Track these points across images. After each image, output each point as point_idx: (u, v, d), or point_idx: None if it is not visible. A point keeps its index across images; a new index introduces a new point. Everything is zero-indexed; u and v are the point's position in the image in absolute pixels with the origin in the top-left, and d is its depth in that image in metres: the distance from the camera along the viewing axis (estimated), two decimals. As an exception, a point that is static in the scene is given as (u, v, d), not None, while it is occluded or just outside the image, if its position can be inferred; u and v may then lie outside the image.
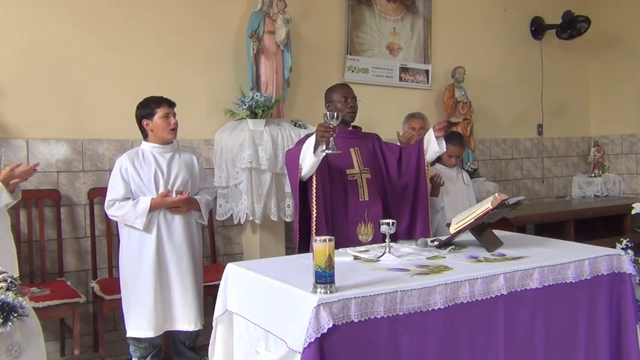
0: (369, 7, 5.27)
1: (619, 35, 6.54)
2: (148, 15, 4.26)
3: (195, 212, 3.38)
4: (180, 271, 3.28)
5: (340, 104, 3.25)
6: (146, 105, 3.32)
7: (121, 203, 3.21)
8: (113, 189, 3.25)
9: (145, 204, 3.18)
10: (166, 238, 3.27)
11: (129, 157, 3.28)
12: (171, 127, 3.32)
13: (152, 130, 3.31)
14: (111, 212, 3.25)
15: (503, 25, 6.17)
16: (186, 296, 3.29)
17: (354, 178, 3.22)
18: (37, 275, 3.84)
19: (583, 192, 6.67)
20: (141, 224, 3.18)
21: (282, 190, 4.30)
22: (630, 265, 2.64)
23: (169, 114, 3.32)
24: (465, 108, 5.53)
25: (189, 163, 3.44)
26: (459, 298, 2.18)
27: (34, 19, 3.88)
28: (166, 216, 3.27)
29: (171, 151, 3.38)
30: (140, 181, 3.25)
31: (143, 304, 3.22)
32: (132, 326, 3.27)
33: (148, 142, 3.36)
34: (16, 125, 3.86)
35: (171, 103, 3.35)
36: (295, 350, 1.93)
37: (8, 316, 1.99)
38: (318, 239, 1.98)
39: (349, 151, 3.24)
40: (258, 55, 4.37)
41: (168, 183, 3.28)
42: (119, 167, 3.26)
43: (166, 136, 3.33)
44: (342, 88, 3.34)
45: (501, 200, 2.72)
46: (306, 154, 2.95)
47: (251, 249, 4.49)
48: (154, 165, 3.28)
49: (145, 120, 3.31)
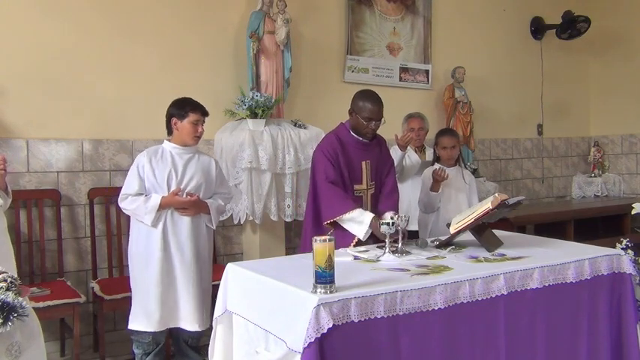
0: (369, 7, 5.27)
1: (619, 35, 6.54)
2: (148, 15, 4.26)
3: (205, 215, 3.39)
4: (183, 270, 3.29)
5: (364, 124, 3.14)
6: (181, 105, 3.35)
7: (133, 197, 3.25)
8: (128, 183, 3.30)
9: (155, 201, 3.22)
10: (172, 236, 3.29)
11: (148, 155, 3.32)
12: (197, 134, 3.36)
13: (178, 130, 3.35)
14: (123, 205, 3.30)
15: (503, 25, 6.17)
16: (188, 296, 3.29)
17: (360, 194, 3.21)
18: (37, 275, 3.83)
19: (583, 192, 6.67)
20: (149, 220, 3.22)
21: (282, 190, 4.30)
22: (630, 265, 2.64)
23: (199, 122, 3.35)
24: (465, 108, 5.53)
25: (207, 166, 3.45)
26: (459, 298, 2.18)
27: (34, 19, 3.88)
28: (174, 215, 3.29)
29: (190, 152, 3.40)
30: (154, 179, 3.28)
31: (149, 298, 3.25)
32: (135, 319, 3.29)
33: (170, 141, 3.39)
34: (16, 125, 3.86)
35: (204, 112, 3.39)
36: (295, 350, 1.93)
37: (8, 316, 1.99)
38: (318, 239, 1.99)
39: (361, 164, 3.22)
40: (258, 55, 4.37)
41: (181, 184, 3.30)
42: (137, 163, 3.31)
43: (189, 141, 3.37)
44: (372, 109, 3.13)
45: (501, 200, 2.72)
46: (355, 230, 3.05)
47: (251, 249, 4.49)
48: (169, 165, 3.31)
49: (174, 118, 3.34)
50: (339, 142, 3.18)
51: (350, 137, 3.22)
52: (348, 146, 3.19)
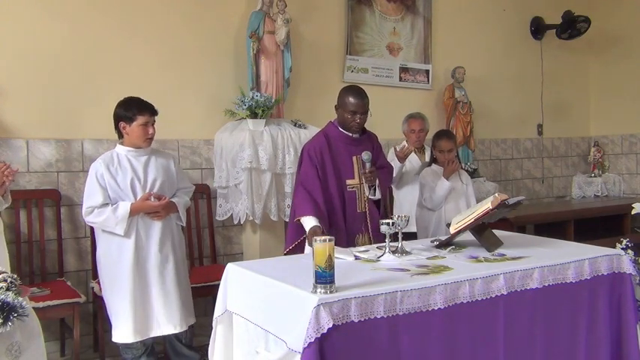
0: (369, 7, 5.27)
1: (619, 35, 6.54)
2: (148, 15, 4.26)
3: (174, 214, 3.34)
4: (161, 274, 3.22)
5: (349, 118, 3.16)
6: (127, 107, 3.22)
7: (100, 209, 3.12)
8: (90, 195, 3.15)
9: (124, 209, 3.11)
10: (145, 242, 3.21)
11: (104, 163, 3.19)
12: (148, 136, 3.23)
13: (128, 134, 3.23)
14: (89, 219, 3.17)
15: (503, 25, 6.17)
16: (167, 299, 3.22)
17: (353, 189, 3.23)
18: (37, 275, 3.83)
19: (583, 192, 6.67)
20: (121, 230, 3.12)
21: (282, 190, 4.30)
22: (630, 265, 2.64)
23: (149, 123, 3.22)
24: (465, 108, 5.53)
25: (165, 165, 3.36)
26: (459, 298, 2.18)
27: (34, 19, 3.88)
28: (145, 220, 3.21)
29: (146, 154, 3.29)
30: (117, 187, 3.17)
31: (123, 311, 3.17)
32: (115, 332, 3.23)
33: (122, 145, 3.28)
34: (16, 125, 3.86)
35: (153, 112, 3.25)
36: (295, 350, 1.93)
37: (8, 316, 1.99)
38: (318, 239, 1.98)
39: (351, 159, 3.23)
40: (258, 55, 4.37)
41: (145, 188, 3.21)
42: (94, 173, 3.17)
43: (141, 144, 3.24)
44: (356, 101, 3.14)
45: (501, 200, 2.72)
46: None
47: (251, 249, 4.49)
48: (130, 171, 3.20)
49: (122, 122, 3.21)
50: (327, 140, 3.21)
51: (339, 133, 3.25)
52: (338, 142, 3.22)
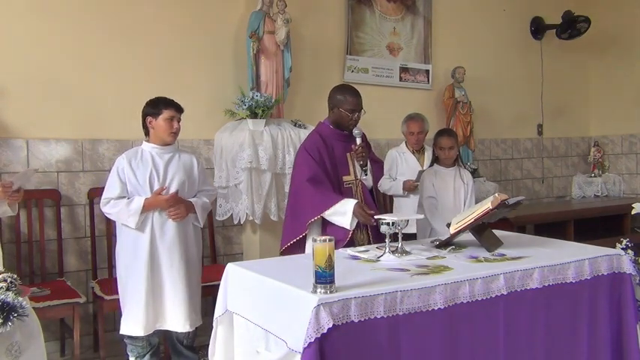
0: (369, 7, 5.27)
1: (619, 35, 6.54)
2: (148, 15, 4.26)
3: (192, 215, 3.36)
4: (171, 271, 3.26)
5: (348, 116, 3.19)
6: (155, 104, 3.33)
7: (115, 201, 3.22)
8: (109, 187, 3.26)
9: (138, 203, 3.19)
10: (159, 238, 3.26)
11: (127, 157, 3.29)
12: (173, 130, 3.32)
13: (154, 129, 3.32)
14: (105, 210, 3.27)
15: (503, 25, 6.17)
16: (176, 297, 3.26)
17: (349, 186, 3.24)
18: (37, 275, 3.83)
19: (583, 192, 6.67)
20: (133, 223, 3.19)
21: (282, 190, 4.30)
22: (630, 265, 2.64)
23: (174, 118, 3.32)
24: (465, 108, 5.53)
25: (188, 164, 3.41)
26: (459, 298, 2.18)
27: (34, 19, 3.88)
28: (161, 216, 3.25)
29: (170, 152, 3.37)
30: (136, 181, 3.25)
31: (135, 303, 3.23)
32: (123, 324, 3.28)
33: (148, 142, 3.36)
34: (16, 125, 3.86)
35: (178, 108, 3.36)
36: (295, 350, 1.93)
37: (8, 316, 1.99)
38: (318, 239, 1.98)
39: (346, 156, 3.26)
40: (258, 55, 4.37)
41: (164, 184, 3.27)
42: (117, 167, 3.28)
43: (166, 138, 3.33)
44: (352, 100, 3.19)
45: (501, 200, 2.71)
46: (340, 222, 3.03)
47: (251, 249, 4.49)
48: (150, 166, 3.28)
49: (149, 117, 3.32)
50: (322, 139, 3.23)
51: (332, 132, 3.27)
52: (332, 141, 3.25)
